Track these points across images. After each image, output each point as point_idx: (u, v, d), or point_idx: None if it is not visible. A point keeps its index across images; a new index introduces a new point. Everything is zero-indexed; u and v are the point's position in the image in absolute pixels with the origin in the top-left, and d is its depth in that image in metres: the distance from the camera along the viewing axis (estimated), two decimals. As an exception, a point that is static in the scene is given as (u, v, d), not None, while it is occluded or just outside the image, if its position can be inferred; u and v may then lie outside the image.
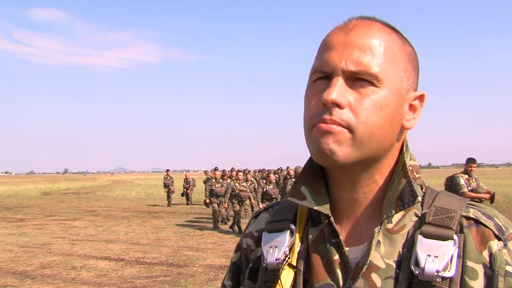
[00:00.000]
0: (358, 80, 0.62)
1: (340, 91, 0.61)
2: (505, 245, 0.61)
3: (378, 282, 0.62)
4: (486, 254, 0.61)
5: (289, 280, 0.68)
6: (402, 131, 0.68)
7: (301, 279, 0.68)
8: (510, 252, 0.61)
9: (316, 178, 0.71)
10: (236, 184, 11.80)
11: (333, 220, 0.67)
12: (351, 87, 0.62)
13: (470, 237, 0.62)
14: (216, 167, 14.25)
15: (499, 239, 0.62)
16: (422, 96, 0.69)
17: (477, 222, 0.64)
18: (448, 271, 0.59)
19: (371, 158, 0.65)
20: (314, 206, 0.68)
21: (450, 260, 0.60)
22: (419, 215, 0.66)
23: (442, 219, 0.64)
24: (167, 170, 20.07)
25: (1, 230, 11.95)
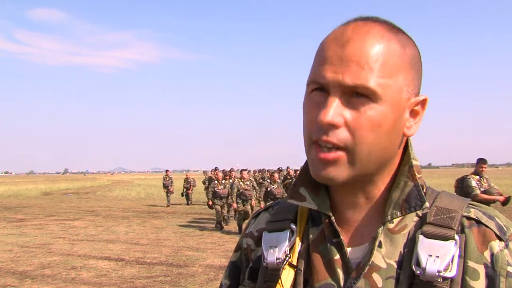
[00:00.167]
0: (355, 95, 0.60)
1: (336, 110, 0.60)
2: (506, 245, 0.61)
3: (379, 282, 0.62)
4: (487, 254, 0.61)
5: (289, 279, 0.68)
6: (403, 138, 0.67)
7: (301, 278, 0.68)
8: (511, 253, 0.61)
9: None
10: (241, 183, 11.79)
11: (333, 220, 0.67)
12: (348, 102, 0.61)
13: (471, 237, 0.62)
14: (216, 167, 14.26)
15: (500, 239, 0.62)
16: (424, 100, 0.67)
17: (478, 222, 0.63)
18: (449, 271, 0.59)
19: (372, 171, 0.65)
20: (314, 207, 0.68)
21: (451, 260, 0.60)
22: (420, 215, 0.66)
23: (443, 219, 0.63)
24: (167, 170, 20.10)
25: (1, 230, 11.96)
